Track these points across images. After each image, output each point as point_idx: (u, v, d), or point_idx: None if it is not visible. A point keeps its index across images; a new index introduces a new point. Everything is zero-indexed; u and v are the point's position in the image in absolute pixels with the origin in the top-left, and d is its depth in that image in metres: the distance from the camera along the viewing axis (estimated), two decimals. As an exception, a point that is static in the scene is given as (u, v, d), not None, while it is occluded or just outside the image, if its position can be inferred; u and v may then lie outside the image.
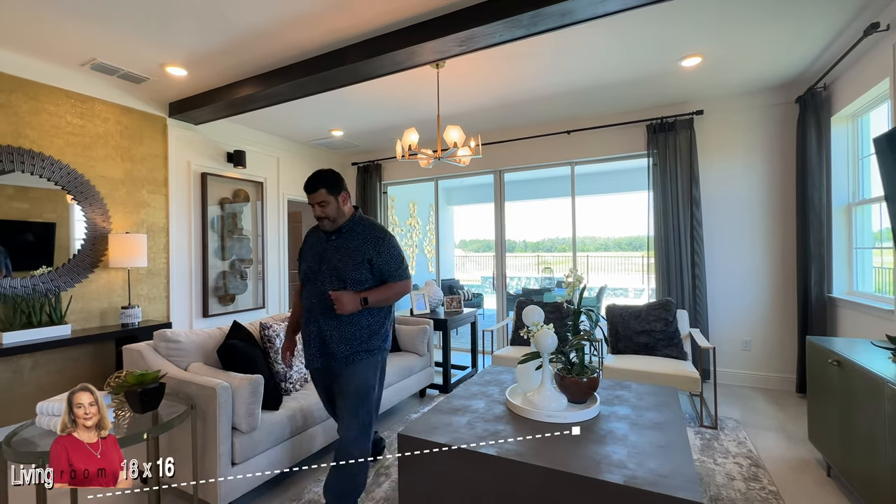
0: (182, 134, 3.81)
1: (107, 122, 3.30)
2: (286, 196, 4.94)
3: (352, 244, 1.89)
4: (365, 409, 1.87)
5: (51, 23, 2.41)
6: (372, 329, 1.92)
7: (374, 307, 1.88)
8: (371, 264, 1.87)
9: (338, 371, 1.89)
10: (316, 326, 1.90)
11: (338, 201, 1.92)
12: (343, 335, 1.87)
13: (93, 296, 3.18)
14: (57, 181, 2.98)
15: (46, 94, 2.96)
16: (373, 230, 1.93)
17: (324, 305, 1.87)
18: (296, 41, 2.66)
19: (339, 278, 1.85)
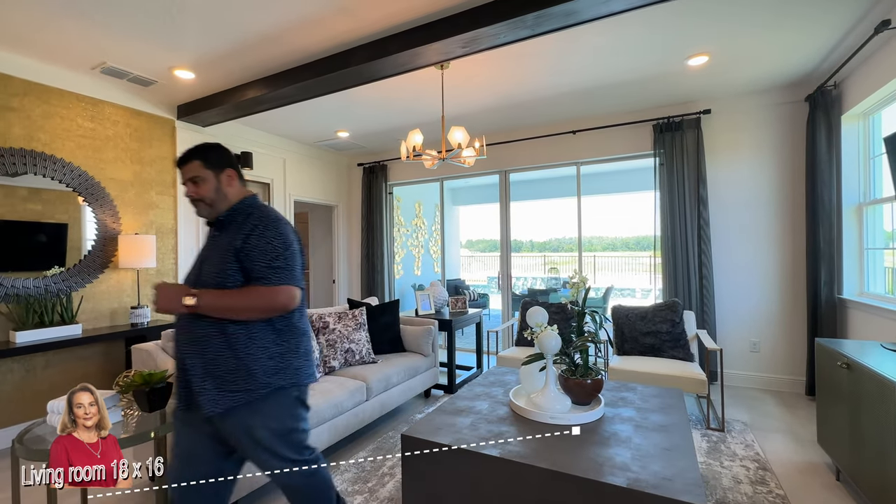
0: (190, 136, 3.86)
1: (116, 124, 3.35)
2: (293, 197, 4.98)
3: (227, 238, 1.39)
4: (292, 447, 1.38)
5: (61, 27, 2.46)
6: (262, 363, 1.31)
7: (210, 314, 1.29)
8: (238, 259, 1.34)
9: (214, 420, 1.31)
10: (179, 353, 1.37)
11: (218, 180, 1.45)
12: (206, 367, 1.29)
13: (103, 296, 3.24)
14: (68, 183, 3.04)
15: (58, 98, 3.02)
16: (254, 216, 1.41)
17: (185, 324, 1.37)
18: (301, 44, 2.68)
19: (204, 285, 1.35)
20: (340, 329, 3.00)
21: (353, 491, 2.15)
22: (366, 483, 2.22)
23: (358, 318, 3.14)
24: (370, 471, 2.35)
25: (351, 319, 3.10)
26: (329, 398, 2.43)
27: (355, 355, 2.99)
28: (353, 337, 3.03)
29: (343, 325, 3.04)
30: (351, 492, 2.14)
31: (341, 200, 5.72)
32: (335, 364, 2.89)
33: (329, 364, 2.86)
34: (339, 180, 5.67)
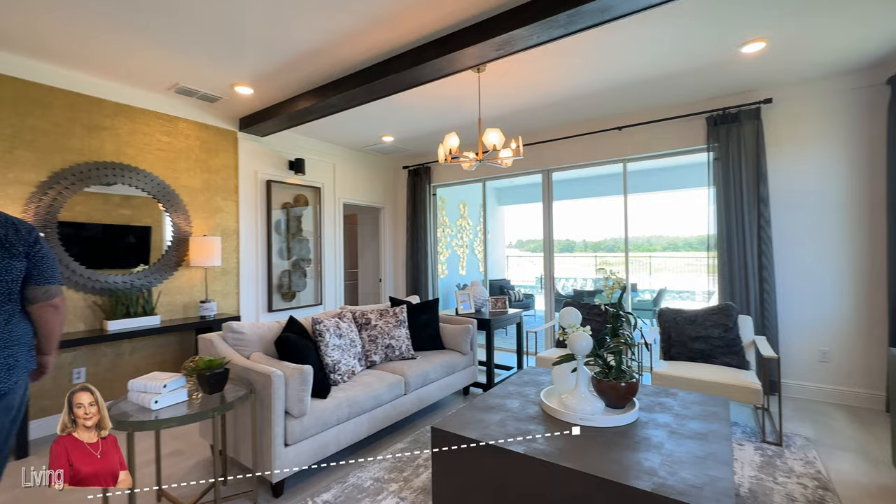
0: (250, 146, 4.22)
1: (188, 138, 3.74)
2: (342, 200, 5.25)
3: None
4: None
5: (143, 55, 2.81)
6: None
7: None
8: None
9: None
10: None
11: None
12: None
13: (177, 291, 3.64)
14: (149, 191, 3.45)
15: (141, 117, 3.44)
16: None
17: None
18: (344, 56, 2.85)
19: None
20: (381, 325, 3.15)
21: (389, 479, 2.26)
22: (401, 473, 2.33)
23: (398, 316, 3.27)
24: (406, 461, 2.45)
25: (392, 317, 3.24)
26: (369, 391, 2.57)
27: (395, 351, 3.13)
28: (393, 333, 3.16)
29: (384, 321, 3.18)
30: (387, 479, 2.25)
31: (387, 202, 5.94)
32: (376, 359, 3.03)
33: (370, 358, 3.02)
34: (385, 183, 5.89)
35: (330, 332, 2.70)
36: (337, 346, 2.71)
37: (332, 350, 2.65)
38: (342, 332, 2.82)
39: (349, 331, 2.90)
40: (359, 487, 2.19)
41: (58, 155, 3.00)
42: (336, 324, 2.80)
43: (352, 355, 2.82)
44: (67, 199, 3.02)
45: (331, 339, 2.68)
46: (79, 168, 3.07)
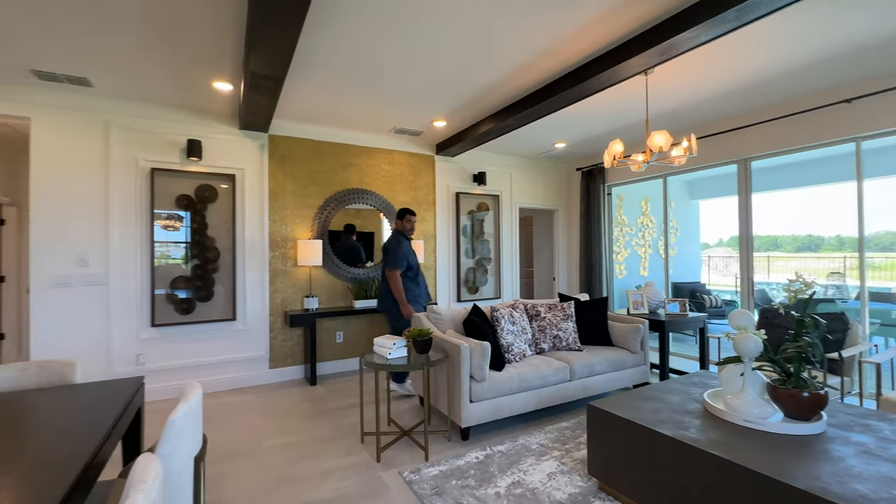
0: (443, 165, 5.17)
1: (401, 165, 4.90)
2: (518, 204, 5.80)
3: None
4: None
5: (374, 111, 3.93)
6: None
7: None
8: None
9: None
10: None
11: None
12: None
13: (395, 281, 4.82)
14: (377, 207, 4.70)
15: (373, 154, 4.72)
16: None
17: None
18: (516, 85, 3.35)
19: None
20: (550, 318, 3.52)
21: (552, 447, 2.64)
22: (563, 444, 2.67)
23: (566, 311, 3.58)
24: (569, 437, 2.78)
25: (560, 311, 3.57)
26: (536, 371, 2.99)
27: (562, 341, 3.45)
28: (560, 325, 3.49)
29: (552, 314, 3.54)
30: (550, 447, 2.64)
31: (561, 204, 6.20)
32: (544, 346, 3.43)
33: (539, 346, 3.43)
34: (558, 186, 6.17)
35: (505, 318, 3.24)
36: (510, 331, 3.22)
37: (506, 334, 3.18)
38: (515, 320, 3.32)
39: (521, 319, 3.39)
40: (526, 447, 2.64)
41: (328, 187, 4.46)
42: (510, 312, 3.32)
43: (523, 341, 3.29)
44: (333, 216, 4.45)
45: (505, 324, 3.21)
46: (339, 194, 4.48)
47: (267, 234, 4.12)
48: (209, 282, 3.86)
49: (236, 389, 3.90)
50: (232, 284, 3.95)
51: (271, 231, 4.15)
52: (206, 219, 3.86)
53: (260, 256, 4.09)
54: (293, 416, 3.24)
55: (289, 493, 2.19)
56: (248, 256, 4.03)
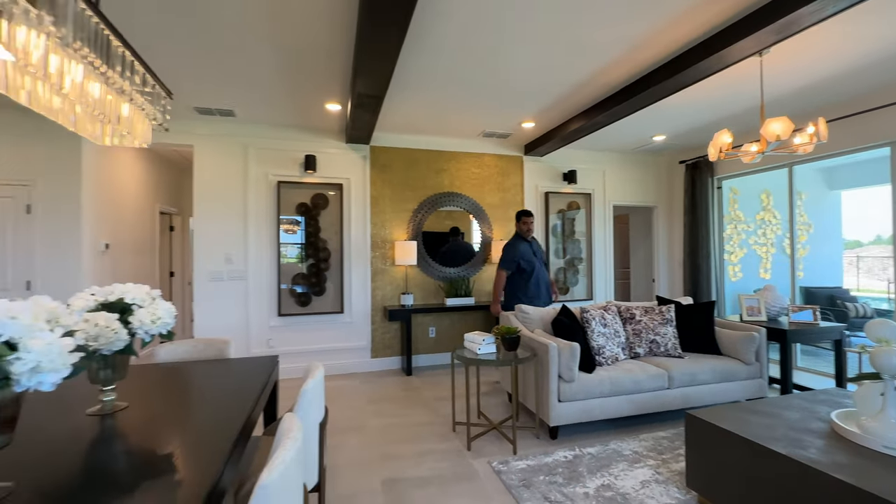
0: (532, 166, 5.18)
1: (490, 167, 5.03)
2: (612, 202, 5.54)
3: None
4: None
5: (464, 118, 4.12)
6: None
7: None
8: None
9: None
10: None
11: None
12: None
13: (483, 281, 4.97)
14: (466, 209, 4.89)
15: (463, 158, 4.92)
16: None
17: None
18: (606, 81, 3.25)
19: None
20: (646, 321, 3.35)
21: (647, 455, 2.54)
22: (660, 454, 2.56)
23: (665, 314, 3.38)
24: (666, 447, 2.64)
25: (657, 314, 3.38)
26: (630, 376, 2.89)
27: (660, 347, 3.26)
28: (658, 330, 3.31)
29: (649, 318, 3.37)
30: (645, 455, 2.54)
31: (661, 201, 5.77)
32: (640, 351, 3.27)
33: (634, 350, 3.29)
34: (657, 181, 5.75)
35: (595, 320, 3.17)
36: (601, 333, 3.15)
37: (597, 336, 3.12)
38: (607, 323, 3.23)
39: (613, 322, 3.28)
40: (618, 452, 2.58)
41: (421, 191, 4.77)
42: (601, 314, 3.24)
43: (615, 344, 3.19)
44: (427, 218, 4.75)
45: (596, 326, 3.15)
46: (431, 198, 4.77)
47: (369, 237, 4.57)
48: (322, 278, 4.41)
49: (343, 374, 4.40)
50: (340, 281, 4.46)
51: (372, 233, 4.59)
52: (319, 223, 4.41)
53: (363, 256, 4.55)
54: (392, 401, 3.57)
55: (391, 468, 2.45)
56: (353, 256, 4.51)
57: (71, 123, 1.34)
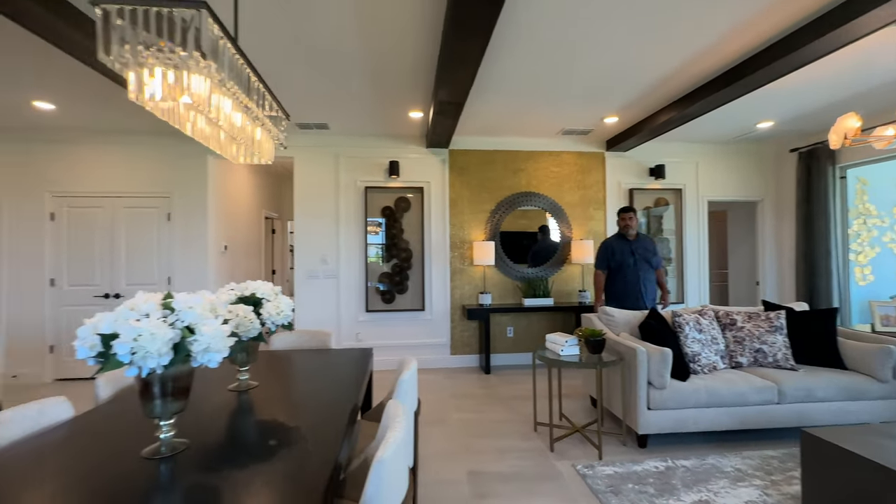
0: (615, 161, 4.96)
1: (569, 165, 4.91)
2: (706, 198, 5.10)
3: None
4: None
5: (538, 117, 4.08)
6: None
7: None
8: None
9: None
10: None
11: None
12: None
13: (562, 282, 4.87)
14: (545, 208, 4.83)
15: (540, 157, 4.87)
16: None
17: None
18: (700, 69, 3.02)
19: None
20: (749, 328, 3.05)
21: (753, 475, 2.33)
22: (768, 474, 2.33)
23: (773, 321, 3.05)
24: (776, 467, 2.40)
25: (764, 321, 3.06)
26: (731, 387, 2.67)
27: (767, 357, 2.96)
28: (765, 339, 3.00)
29: (753, 324, 3.07)
30: (750, 474, 2.34)
31: (767, 194, 5.17)
32: (742, 360, 2.99)
33: (735, 359, 3.01)
34: (762, 172, 5.17)
35: (689, 325, 2.97)
36: (696, 339, 2.94)
37: (691, 342, 2.92)
38: (702, 328, 3.01)
39: (710, 328, 3.04)
40: (718, 468, 2.40)
41: (499, 192, 4.81)
42: (696, 319, 3.02)
43: (713, 351, 2.96)
44: (504, 219, 4.78)
45: (690, 332, 2.95)
46: (509, 198, 4.79)
47: (448, 237, 4.72)
48: (404, 277, 4.65)
49: (424, 369, 4.60)
50: (421, 280, 4.67)
51: (451, 234, 4.73)
52: (402, 225, 4.67)
53: (442, 257, 4.71)
54: (472, 398, 3.67)
55: (474, 461, 2.54)
56: (433, 256, 4.69)
57: (219, 147, 1.61)
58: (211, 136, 1.56)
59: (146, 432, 1.30)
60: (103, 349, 1.02)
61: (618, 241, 3.75)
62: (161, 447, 1.17)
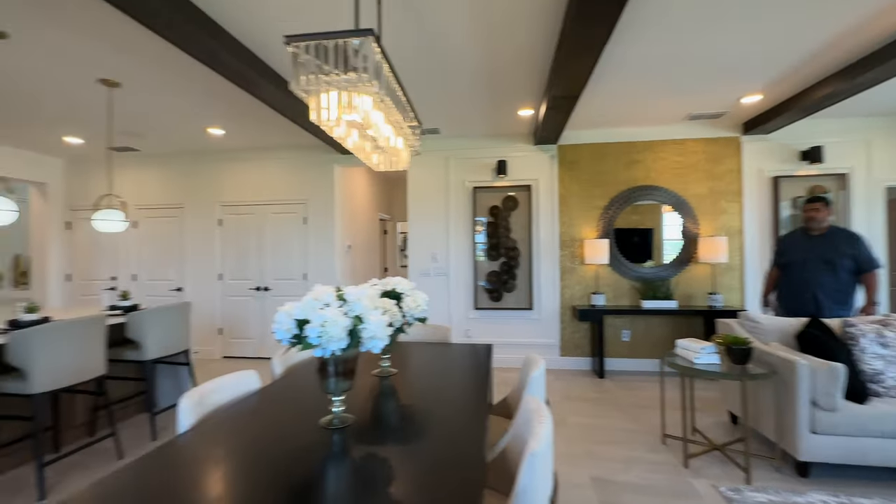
0: (753, 146, 4.33)
1: (695, 153, 4.42)
2: (884, 183, 4.18)
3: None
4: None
5: (663, 104, 3.73)
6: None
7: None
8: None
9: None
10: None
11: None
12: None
13: (686, 283, 4.41)
14: (665, 202, 4.42)
15: (659, 147, 4.47)
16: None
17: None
18: (873, 32, 2.48)
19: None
20: (959, 345, 2.43)
21: (972, 528, 1.86)
22: None
23: None
24: None
25: (982, 336, 2.41)
26: (933, 416, 2.16)
27: None
28: (984, 359, 2.35)
29: (965, 340, 2.43)
30: (967, 527, 1.87)
31: (978, 175, 4.05)
32: (948, 384, 2.39)
33: None
34: (971, 148, 4.05)
35: (867, 337, 2.47)
36: (879, 355, 2.43)
37: (870, 358, 2.42)
38: (887, 342, 2.47)
39: (898, 342, 2.49)
40: (915, 513, 1.96)
41: (612, 187, 4.54)
42: (877, 330, 2.50)
43: (902, 371, 2.41)
44: (618, 215, 4.50)
45: (868, 345, 2.45)
46: (623, 193, 4.49)
47: (557, 235, 4.60)
48: (512, 276, 4.66)
49: (533, 369, 4.55)
50: (529, 279, 4.62)
51: (561, 232, 4.60)
52: (509, 224, 4.68)
53: (551, 255, 4.61)
54: (587, 402, 3.53)
55: (598, 467, 2.45)
56: (542, 255, 4.61)
57: (365, 157, 1.79)
58: (361, 148, 1.74)
59: (319, 405, 1.52)
60: (298, 332, 1.22)
61: (792, 237, 3.22)
62: (333, 419, 1.35)
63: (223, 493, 0.99)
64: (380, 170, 2.01)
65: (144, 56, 2.74)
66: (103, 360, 2.60)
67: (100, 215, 3.23)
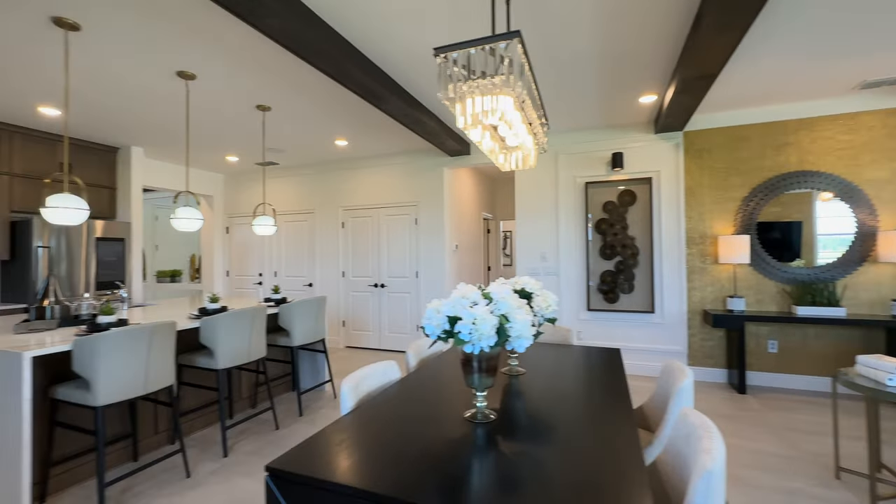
0: (963, 114, 3.40)
1: (871, 129, 3.62)
2: None
3: None
4: None
5: (834, 70, 3.12)
6: None
7: None
8: None
9: None
10: None
11: None
12: None
13: (861, 286, 3.64)
14: (829, 189, 3.70)
15: (819, 124, 3.76)
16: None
17: None
18: None
19: None
20: None
21: None
22: None
23: None
24: None
25: None
26: None
27: None
28: None
29: None
30: None
31: None
32: None
33: None
34: None
35: None
36: None
37: None
38: None
39: None
40: None
41: (754, 175, 3.95)
42: None
43: None
44: (762, 208, 3.90)
45: None
46: (770, 182, 3.87)
47: (683, 232, 4.16)
48: (629, 276, 4.34)
49: (653, 377, 4.18)
50: (650, 279, 4.26)
51: (688, 228, 4.15)
52: (626, 220, 4.36)
53: (676, 254, 4.18)
54: (727, 420, 3.12)
55: (748, 495, 2.15)
56: (664, 254, 4.21)
57: (495, 157, 1.82)
58: (492, 150, 1.77)
59: (460, 398, 1.58)
60: (448, 328, 1.28)
61: None
62: (477, 414, 1.40)
63: (389, 464, 1.08)
64: (506, 169, 2.02)
65: (290, 81, 3.15)
66: (265, 344, 3.06)
67: (258, 221, 3.81)
